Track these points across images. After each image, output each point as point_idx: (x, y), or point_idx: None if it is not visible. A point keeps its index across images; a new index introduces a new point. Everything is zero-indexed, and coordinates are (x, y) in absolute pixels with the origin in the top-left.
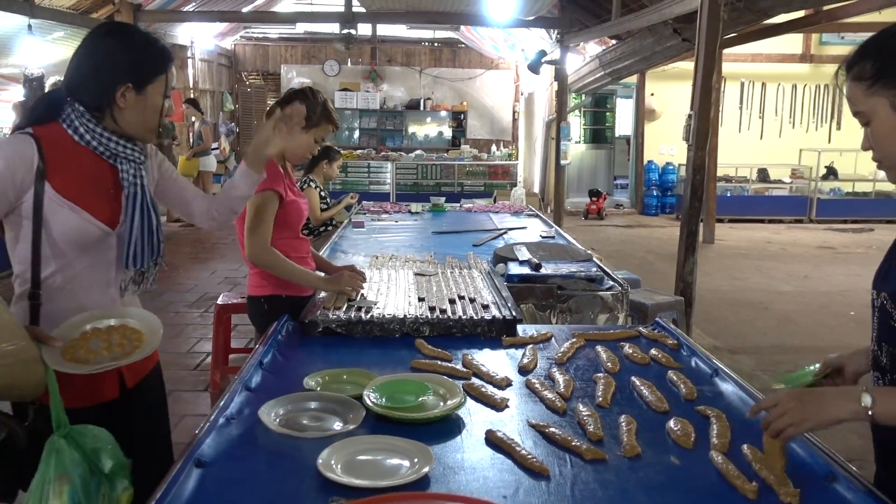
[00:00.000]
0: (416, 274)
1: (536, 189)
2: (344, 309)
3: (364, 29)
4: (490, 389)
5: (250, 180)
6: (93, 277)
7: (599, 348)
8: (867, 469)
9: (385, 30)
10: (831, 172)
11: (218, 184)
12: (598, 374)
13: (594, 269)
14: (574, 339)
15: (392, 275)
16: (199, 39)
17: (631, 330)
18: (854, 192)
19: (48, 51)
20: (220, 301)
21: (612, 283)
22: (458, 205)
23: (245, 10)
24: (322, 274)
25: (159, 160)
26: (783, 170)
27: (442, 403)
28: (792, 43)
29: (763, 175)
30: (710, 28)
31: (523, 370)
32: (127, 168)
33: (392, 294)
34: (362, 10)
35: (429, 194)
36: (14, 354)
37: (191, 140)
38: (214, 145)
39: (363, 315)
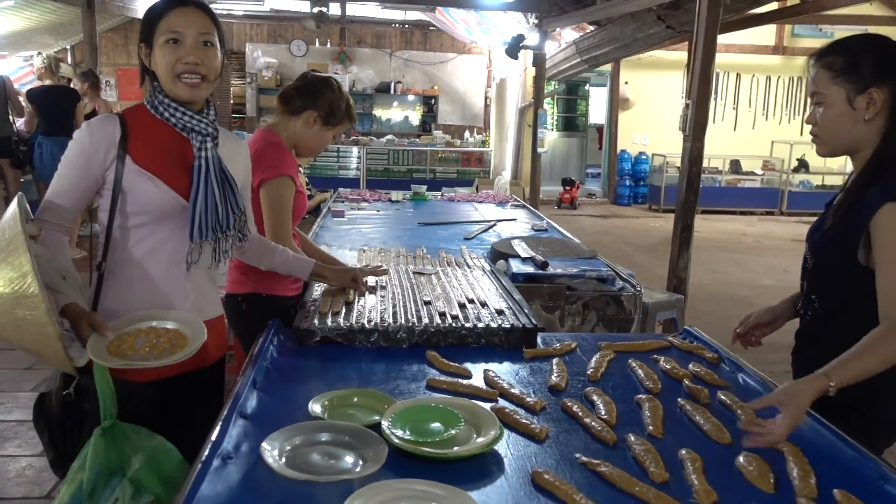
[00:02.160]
0: (414, 272)
1: (509, 177)
2: (343, 314)
3: (333, 8)
4: (523, 414)
5: (296, 271)
6: (164, 253)
7: (634, 363)
8: None
9: (355, 9)
10: (802, 165)
11: None
12: (641, 396)
13: (604, 269)
14: (603, 352)
15: (390, 274)
16: None
17: (661, 340)
18: (823, 185)
19: None
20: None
21: (622, 283)
22: (440, 193)
23: None
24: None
25: (246, 172)
26: (755, 161)
27: (475, 435)
28: (765, 34)
29: (735, 167)
30: (710, 13)
31: (554, 389)
32: (195, 139)
33: (393, 296)
34: None
35: (401, 181)
36: (31, 323)
37: None
38: None
39: (366, 323)
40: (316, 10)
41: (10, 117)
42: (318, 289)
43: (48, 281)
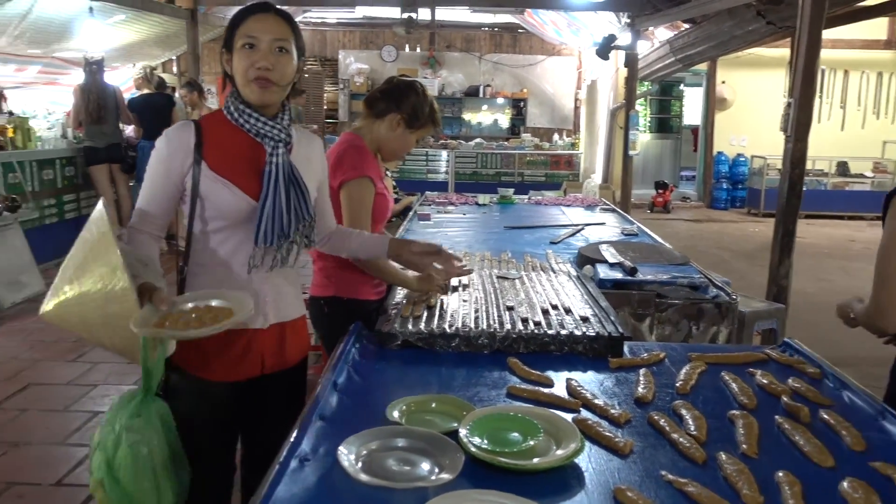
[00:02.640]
0: (498, 276)
1: (599, 180)
2: (424, 318)
3: (423, 13)
4: (607, 427)
5: (372, 250)
6: (242, 257)
7: (727, 376)
8: None
9: (445, 14)
10: None
11: None
12: (734, 412)
13: (697, 276)
14: (693, 363)
15: (471, 276)
16: None
17: (758, 352)
18: None
19: (109, 34)
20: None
21: (716, 290)
22: (527, 197)
23: None
24: (412, 273)
25: (324, 167)
26: (865, 163)
27: (555, 446)
28: (876, 28)
29: (843, 169)
30: (814, 7)
31: (641, 401)
32: (270, 145)
33: (475, 300)
34: None
35: (488, 184)
36: (122, 317)
37: None
38: None
39: (447, 327)
40: (405, 15)
41: (120, 125)
42: (400, 293)
43: (131, 271)
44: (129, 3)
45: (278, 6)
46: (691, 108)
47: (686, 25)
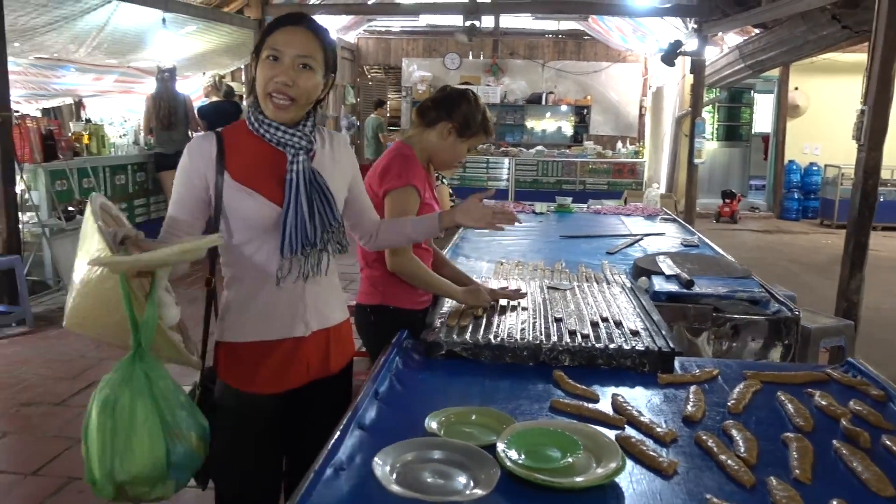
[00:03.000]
0: (549, 287)
1: (664, 189)
2: (470, 329)
3: (487, 21)
4: (651, 446)
5: (427, 230)
6: (272, 266)
7: (783, 396)
8: None
9: (508, 21)
10: None
11: None
12: (789, 434)
13: (757, 289)
14: (748, 381)
15: (521, 286)
16: None
17: (818, 372)
18: None
19: (181, 45)
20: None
21: (778, 305)
22: (585, 206)
23: (370, 2)
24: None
25: (353, 165)
26: None
27: (594, 464)
28: None
29: None
30: (891, 10)
31: (689, 420)
32: (291, 154)
33: (523, 311)
34: (487, 0)
35: (549, 192)
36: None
37: None
38: None
39: (492, 339)
40: (468, 23)
41: (190, 132)
42: (448, 303)
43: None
44: (200, 14)
45: (335, 15)
46: (762, 115)
47: (757, 30)
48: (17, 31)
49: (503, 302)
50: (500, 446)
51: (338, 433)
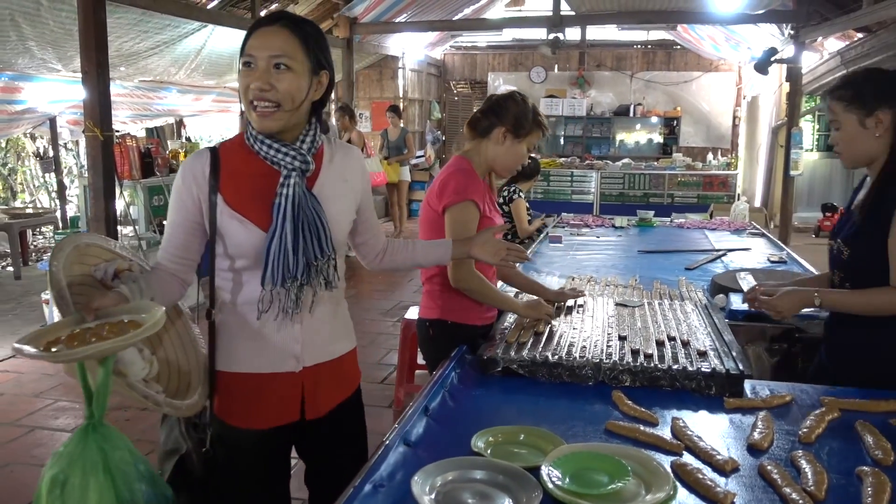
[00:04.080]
0: (616, 304)
1: (759, 202)
2: (529, 345)
3: (574, 34)
4: (709, 474)
5: (437, 257)
6: (256, 294)
7: (862, 426)
8: None
9: (595, 33)
10: None
11: (421, 190)
12: (863, 468)
13: None
14: (824, 409)
15: (588, 302)
16: (410, 50)
17: None
18: None
19: None
20: (407, 315)
21: None
22: (669, 219)
23: (455, 18)
24: (523, 298)
25: (363, 181)
26: None
27: (643, 492)
28: None
29: None
30: None
31: (754, 448)
32: (284, 174)
33: (587, 328)
34: (571, 13)
35: (636, 206)
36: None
37: (385, 147)
38: (420, 153)
39: (550, 356)
40: (552, 36)
41: None
42: (511, 318)
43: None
44: None
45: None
46: None
47: (859, 35)
48: (122, 55)
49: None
50: (545, 468)
51: (381, 449)
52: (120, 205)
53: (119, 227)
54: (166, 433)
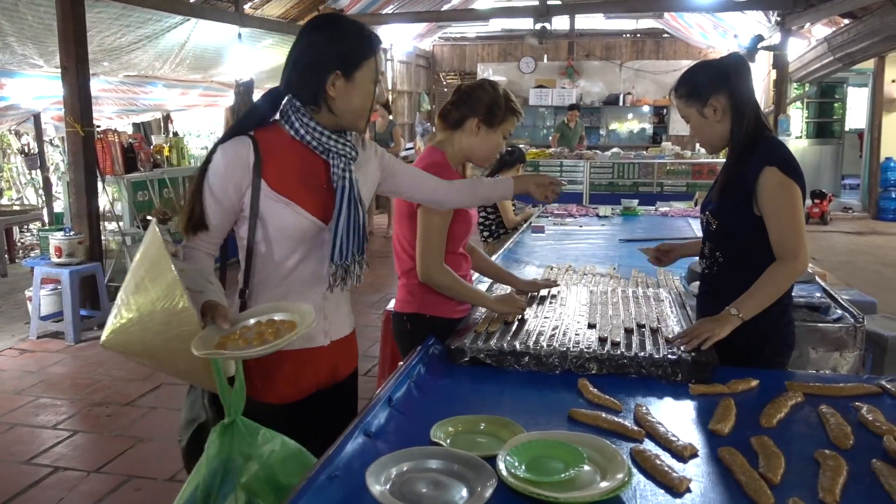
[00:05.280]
0: (590, 292)
1: None
2: (498, 335)
3: (562, 23)
4: (667, 460)
5: (501, 193)
6: (304, 274)
7: (826, 410)
8: None
9: (583, 23)
10: None
11: None
12: (822, 452)
13: (818, 295)
14: (788, 394)
15: (562, 291)
16: (398, 42)
17: (870, 384)
18: None
19: (257, 58)
20: (389, 306)
21: (841, 312)
22: (653, 208)
23: (443, 9)
24: (496, 290)
25: (380, 156)
26: None
27: (599, 478)
28: None
29: None
30: None
31: (715, 434)
32: (337, 163)
33: (557, 317)
34: (558, 2)
35: (626, 195)
36: (184, 339)
37: (372, 139)
38: (409, 145)
39: (517, 345)
40: (538, 26)
41: None
42: (482, 310)
43: (194, 286)
44: (275, 29)
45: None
46: (856, 110)
47: (846, 21)
48: (104, 50)
49: (543, 294)
50: (501, 457)
51: (340, 439)
52: (104, 201)
53: (104, 223)
54: (190, 403)
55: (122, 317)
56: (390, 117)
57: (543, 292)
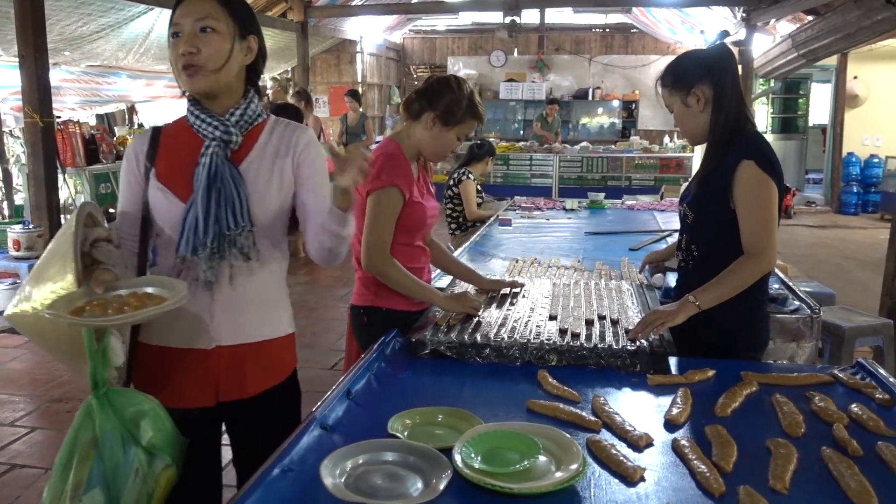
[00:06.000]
0: (553, 284)
1: None
2: (459, 328)
3: (532, 17)
4: (622, 450)
5: (336, 217)
6: (188, 269)
7: (780, 399)
8: None
9: (553, 17)
10: None
11: None
12: (774, 440)
13: (776, 286)
14: (742, 383)
15: (526, 284)
16: (368, 34)
17: (823, 373)
18: None
19: None
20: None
21: (798, 303)
22: (620, 201)
23: (412, 1)
24: (455, 289)
25: (299, 160)
26: None
27: (554, 468)
28: None
29: None
30: None
31: (671, 423)
32: (207, 146)
33: (519, 309)
34: None
35: (594, 188)
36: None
37: (345, 133)
38: (380, 139)
39: (479, 337)
40: (508, 19)
41: None
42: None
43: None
44: None
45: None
46: (820, 106)
47: (809, 18)
48: (65, 39)
49: (504, 293)
50: (457, 448)
51: (295, 433)
52: (65, 193)
53: (64, 216)
54: None
55: (24, 293)
56: (361, 110)
57: (505, 291)
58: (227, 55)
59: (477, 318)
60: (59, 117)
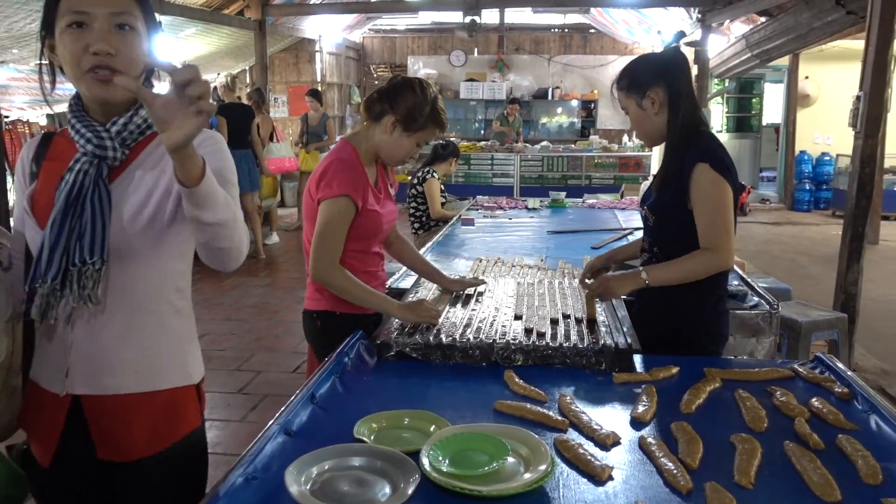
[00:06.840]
0: (518, 283)
1: None
2: (424, 329)
3: (492, 17)
4: (590, 449)
5: (186, 196)
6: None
7: (742, 394)
8: None
9: (513, 17)
10: None
11: None
12: (739, 435)
13: (735, 283)
14: (705, 379)
15: (490, 283)
16: (327, 33)
17: (784, 368)
18: None
19: (181, 48)
20: None
21: (757, 299)
22: (581, 200)
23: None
24: (415, 293)
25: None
26: None
27: (522, 469)
28: None
29: None
30: None
31: (637, 421)
32: (75, 160)
33: (483, 309)
34: None
35: (556, 187)
36: None
37: (305, 133)
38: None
39: (444, 338)
40: (468, 19)
41: None
42: (410, 300)
43: None
44: (198, 17)
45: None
46: (773, 105)
47: (763, 19)
48: (13, 37)
49: (469, 292)
50: (425, 451)
51: (258, 439)
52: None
53: (13, 220)
54: None
55: None
56: (323, 110)
57: (469, 291)
58: (143, 58)
59: (443, 319)
60: (7, 117)
